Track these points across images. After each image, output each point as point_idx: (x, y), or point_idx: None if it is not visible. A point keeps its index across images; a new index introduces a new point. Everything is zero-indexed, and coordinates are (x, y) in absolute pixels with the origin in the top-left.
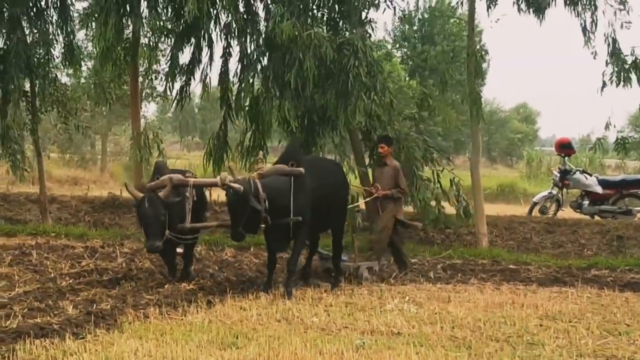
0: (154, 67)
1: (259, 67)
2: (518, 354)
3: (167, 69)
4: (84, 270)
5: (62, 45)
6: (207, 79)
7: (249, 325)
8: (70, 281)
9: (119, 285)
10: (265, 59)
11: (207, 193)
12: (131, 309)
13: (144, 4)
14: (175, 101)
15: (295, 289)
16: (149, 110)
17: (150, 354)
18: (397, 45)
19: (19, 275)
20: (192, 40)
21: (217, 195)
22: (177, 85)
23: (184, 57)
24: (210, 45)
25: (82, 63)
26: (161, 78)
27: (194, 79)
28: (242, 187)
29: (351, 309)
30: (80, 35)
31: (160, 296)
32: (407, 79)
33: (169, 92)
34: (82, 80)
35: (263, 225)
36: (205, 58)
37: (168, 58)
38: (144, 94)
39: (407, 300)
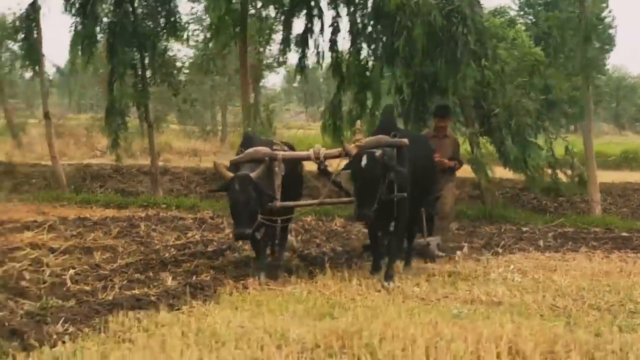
0: (267, 38)
1: (367, 36)
2: (617, 322)
3: (280, 40)
4: (190, 241)
5: (165, 17)
6: (321, 49)
7: (348, 295)
8: (174, 252)
9: (223, 256)
10: (374, 27)
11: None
12: (231, 280)
13: None
14: (295, 73)
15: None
16: (271, 80)
17: (242, 325)
18: (522, 12)
19: (124, 247)
20: (304, 10)
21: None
22: (292, 56)
23: (297, 28)
24: (321, 16)
25: (191, 34)
26: (278, 49)
27: (308, 49)
28: (381, 152)
29: (454, 278)
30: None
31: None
32: (532, 45)
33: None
34: (196, 52)
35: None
36: (317, 28)
37: (280, 29)
38: (263, 65)
39: (511, 269)
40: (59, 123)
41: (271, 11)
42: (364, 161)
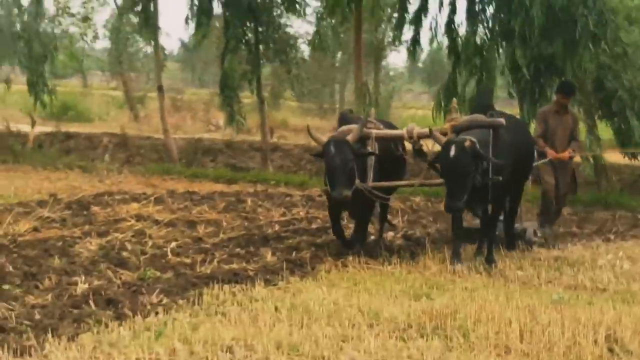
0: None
1: (484, 15)
2: None
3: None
4: (295, 218)
5: None
6: (437, 30)
7: (448, 277)
8: (278, 229)
9: (326, 234)
10: (492, 7)
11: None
12: (330, 257)
13: None
14: (408, 52)
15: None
16: (395, 60)
17: (336, 302)
18: None
19: (228, 222)
20: None
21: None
22: (407, 35)
23: (412, 6)
24: None
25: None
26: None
27: (422, 28)
28: (470, 142)
29: (560, 263)
30: None
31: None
32: None
33: (397, 41)
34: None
35: None
36: (432, 8)
37: (396, 7)
38: (384, 44)
39: (621, 256)
40: (177, 97)
41: None
42: (452, 151)
